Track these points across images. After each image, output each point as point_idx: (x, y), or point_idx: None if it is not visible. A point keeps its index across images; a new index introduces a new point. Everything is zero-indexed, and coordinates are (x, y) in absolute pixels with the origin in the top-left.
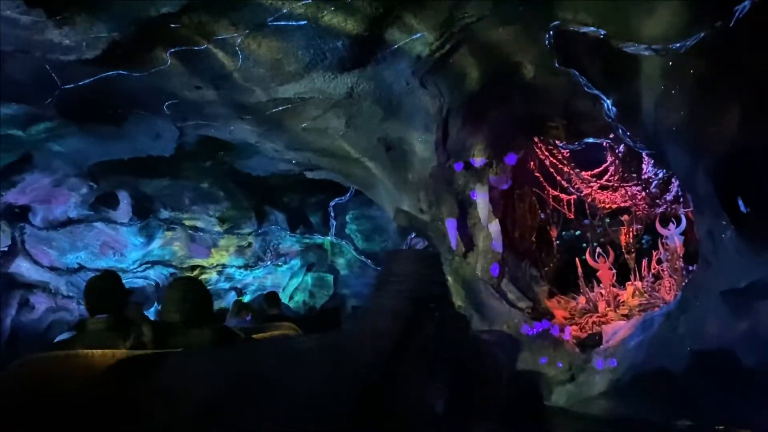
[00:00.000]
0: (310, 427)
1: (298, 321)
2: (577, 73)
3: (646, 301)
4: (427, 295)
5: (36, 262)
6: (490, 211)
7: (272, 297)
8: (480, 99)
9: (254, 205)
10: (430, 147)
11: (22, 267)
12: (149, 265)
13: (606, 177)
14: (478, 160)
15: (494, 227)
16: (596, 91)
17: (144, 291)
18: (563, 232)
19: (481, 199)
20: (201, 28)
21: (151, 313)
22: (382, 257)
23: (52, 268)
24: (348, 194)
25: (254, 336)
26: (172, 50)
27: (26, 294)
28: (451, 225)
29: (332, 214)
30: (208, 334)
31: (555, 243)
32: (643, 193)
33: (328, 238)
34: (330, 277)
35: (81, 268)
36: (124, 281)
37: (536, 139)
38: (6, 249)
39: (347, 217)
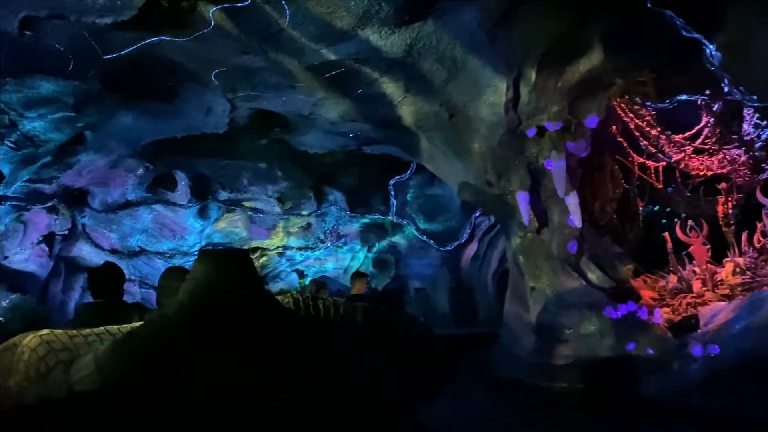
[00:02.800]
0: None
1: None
2: (672, 14)
3: (750, 279)
4: (220, 295)
5: (97, 246)
6: (567, 181)
7: (355, 277)
8: (556, 53)
9: (313, 184)
10: (499, 111)
11: (83, 250)
12: (210, 248)
13: (700, 140)
14: (554, 124)
15: (571, 200)
16: (696, 35)
17: None
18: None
19: (556, 169)
20: None
21: None
22: (445, 237)
23: (113, 251)
24: (409, 171)
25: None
26: (215, 8)
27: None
28: (522, 198)
29: (392, 192)
30: None
31: (640, 216)
32: (745, 157)
33: (389, 217)
34: (391, 258)
35: (142, 251)
36: (186, 264)
37: (619, 99)
38: (66, 232)
39: (408, 196)
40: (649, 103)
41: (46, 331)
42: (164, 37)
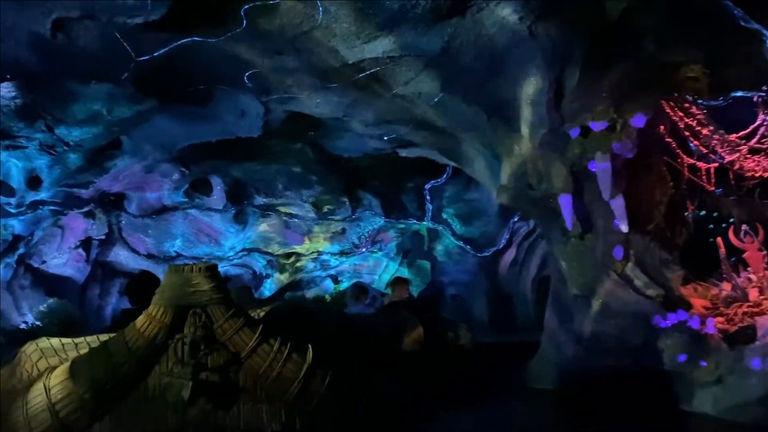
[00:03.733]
0: None
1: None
2: (729, 3)
3: None
4: (186, 303)
5: (133, 251)
6: (613, 184)
7: (395, 282)
8: (602, 47)
9: (347, 189)
10: (540, 110)
11: (120, 255)
12: (245, 253)
13: (756, 139)
14: (599, 124)
15: (617, 203)
16: (755, 26)
17: (241, 279)
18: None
19: (601, 171)
20: None
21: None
22: (482, 242)
23: (149, 256)
24: (444, 175)
25: None
26: (247, 7)
27: (125, 282)
28: (564, 201)
29: (428, 197)
30: None
31: (689, 220)
32: None
33: (424, 223)
34: (427, 264)
35: (178, 255)
36: (221, 269)
37: (669, 97)
38: (103, 237)
39: (444, 200)
40: (700, 101)
41: (44, 338)
42: (196, 38)
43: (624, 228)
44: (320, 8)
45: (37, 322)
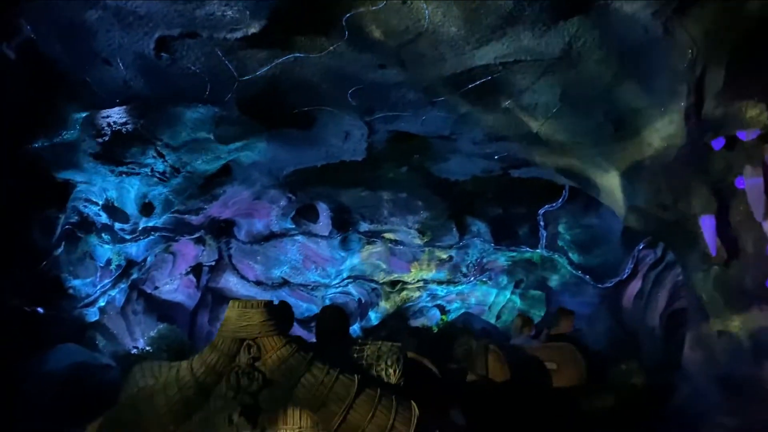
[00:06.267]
0: None
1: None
2: None
3: None
4: (242, 335)
5: (243, 277)
6: (766, 202)
7: (559, 314)
8: (752, 42)
9: (454, 214)
10: (677, 119)
11: (230, 282)
12: (351, 280)
13: None
14: (749, 132)
15: None
16: None
17: (347, 306)
18: None
19: (752, 187)
20: None
21: (355, 330)
22: (602, 272)
23: (257, 283)
24: (560, 199)
25: None
26: (348, 15)
27: None
28: (707, 223)
29: (542, 223)
30: None
31: None
32: None
33: (538, 251)
34: (541, 295)
35: (285, 282)
36: (327, 296)
37: None
38: (213, 263)
39: (560, 227)
40: None
41: (146, 360)
42: (298, 54)
43: None
44: (426, 12)
45: (148, 348)
